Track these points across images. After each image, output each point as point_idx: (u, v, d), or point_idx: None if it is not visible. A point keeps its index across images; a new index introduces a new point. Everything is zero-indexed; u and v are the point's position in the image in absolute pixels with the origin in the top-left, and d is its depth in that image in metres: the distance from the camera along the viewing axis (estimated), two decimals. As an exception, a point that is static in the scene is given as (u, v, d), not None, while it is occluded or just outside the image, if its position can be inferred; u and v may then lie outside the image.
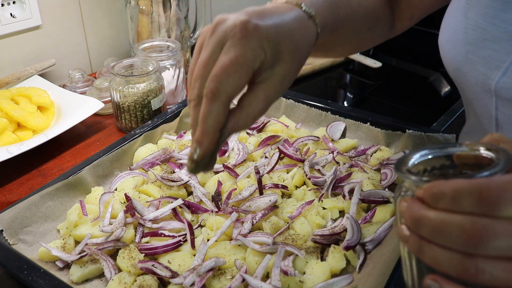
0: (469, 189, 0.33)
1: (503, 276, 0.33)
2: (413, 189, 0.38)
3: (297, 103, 0.99)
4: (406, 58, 1.49)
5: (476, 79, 0.61)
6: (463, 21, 0.63)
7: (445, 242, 0.34)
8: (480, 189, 0.33)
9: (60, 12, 1.18)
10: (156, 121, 0.93)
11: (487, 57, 0.59)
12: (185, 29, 1.22)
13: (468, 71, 0.62)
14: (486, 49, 0.59)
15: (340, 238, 0.68)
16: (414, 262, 0.39)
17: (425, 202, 0.35)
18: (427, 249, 0.35)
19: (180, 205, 0.73)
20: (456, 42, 0.64)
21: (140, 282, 0.62)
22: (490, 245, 0.32)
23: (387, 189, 0.78)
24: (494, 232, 0.32)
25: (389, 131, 0.89)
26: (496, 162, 0.36)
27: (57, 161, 0.94)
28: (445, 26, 0.68)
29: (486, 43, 0.59)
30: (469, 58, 0.61)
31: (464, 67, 0.63)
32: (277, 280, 0.60)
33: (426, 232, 0.35)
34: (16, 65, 1.14)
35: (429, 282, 0.36)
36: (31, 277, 0.61)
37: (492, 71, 0.59)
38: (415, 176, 0.38)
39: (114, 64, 0.99)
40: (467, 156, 0.39)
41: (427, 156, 0.40)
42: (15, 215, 0.70)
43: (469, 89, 0.66)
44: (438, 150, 0.40)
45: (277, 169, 0.82)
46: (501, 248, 0.32)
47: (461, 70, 0.64)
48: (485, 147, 0.38)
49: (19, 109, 0.96)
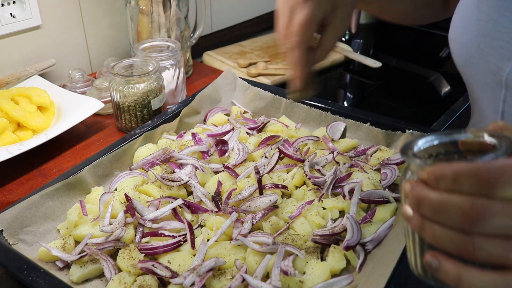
0: (469, 171, 0.35)
1: (498, 253, 0.35)
2: (418, 172, 0.40)
3: (297, 103, 0.99)
4: (406, 58, 1.49)
5: (487, 70, 0.62)
6: (476, 14, 0.64)
7: (444, 221, 0.36)
8: (479, 171, 0.35)
9: (60, 12, 1.18)
10: (156, 121, 0.93)
11: (499, 48, 0.60)
12: (185, 29, 1.22)
13: (480, 62, 0.63)
14: (498, 40, 0.61)
15: (340, 238, 0.68)
16: (417, 241, 0.41)
17: (428, 184, 0.37)
18: (428, 227, 0.37)
19: (180, 205, 0.73)
20: (469, 35, 0.65)
21: (140, 282, 0.62)
22: (487, 223, 0.34)
23: (387, 189, 0.78)
24: (491, 211, 0.34)
25: (389, 131, 0.89)
26: (498, 148, 0.38)
27: (57, 161, 0.94)
28: (457, 20, 0.69)
29: (498, 34, 0.61)
30: (481, 50, 0.63)
31: (476, 59, 0.64)
32: (277, 280, 0.60)
33: (427, 211, 0.37)
34: (16, 65, 1.14)
35: (429, 259, 0.38)
36: (31, 277, 0.61)
37: (504, 62, 0.60)
38: (420, 160, 0.39)
39: (114, 64, 0.99)
40: (471, 143, 0.41)
41: (433, 142, 0.42)
42: (15, 215, 0.70)
43: (478, 82, 0.67)
44: (443, 136, 0.42)
45: (277, 169, 0.82)
46: (497, 227, 0.34)
47: (472, 62, 0.65)
48: (489, 134, 0.40)
49: (19, 109, 0.96)
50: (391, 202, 0.75)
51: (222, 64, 1.36)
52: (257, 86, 1.04)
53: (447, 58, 1.49)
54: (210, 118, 0.99)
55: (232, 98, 1.06)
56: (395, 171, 0.80)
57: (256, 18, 1.69)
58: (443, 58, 1.50)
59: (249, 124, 0.95)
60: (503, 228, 0.35)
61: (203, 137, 0.89)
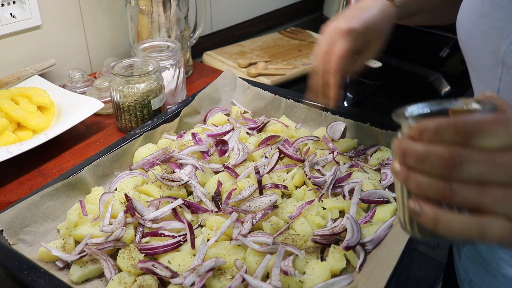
0: (449, 124, 0.39)
1: (473, 198, 0.38)
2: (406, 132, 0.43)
3: (297, 103, 0.99)
4: (406, 58, 1.49)
5: (487, 50, 0.66)
6: None
7: (426, 169, 0.40)
8: (457, 123, 0.38)
9: (60, 12, 1.18)
10: (156, 121, 0.93)
11: (499, 28, 0.64)
12: (185, 29, 1.22)
13: (481, 43, 0.67)
14: (498, 21, 0.64)
15: (340, 238, 0.68)
16: (405, 195, 0.44)
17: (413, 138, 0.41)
18: (412, 177, 0.41)
19: (180, 205, 0.73)
20: (474, 18, 0.68)
21: (140, 282, 0.62)
22: (463, 170, 0.38)
23: (387, 189, 0.78)
24: (467, 159, 0.38)
25: (389, 131, 0.89)
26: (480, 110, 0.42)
27: (57, 161, 0.94)
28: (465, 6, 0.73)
29: (498, 15, 0.64)
30: (483, 31, 0.66)
31: (478, 40, 0.67)
32: (277, 280, 0.60)
33: (412, 161, 0.40)
34: (16, 65, 1.14)
35: (411, 204, 0.42)
36: (31, 277, 0.61)
37: (502, 41, 0.63)
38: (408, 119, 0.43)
39: (114, 64, 0.99)
40: (461, 111, 0.43)
41: (424, 109, 0.44)
42: (15, 215, 0.70)
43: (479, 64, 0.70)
44: (435, 105, 0.44)
45: (277, 169, 0.82)
46: (472, 173, 0.38)
47: (474, 45, 0.69)
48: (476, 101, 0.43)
49: (19, 109, 0.96)
50: (391, 202, 0.75)
51: (222, 64, 1.36)
52: (257, 86, 1.04)
53: (447, 58, 1.49)
54: (210, 118, 0.99)
55: (232, 98, 1.06)
56: (395, 171, 0.80)
57: (256, 18, 1.69)
58: (443, 58, 1.50)
59: (249, 124, 0.95)
60: (478, 175, 0.38)
61: (203, 137, 0.89)
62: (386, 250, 0.64)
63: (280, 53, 1.44)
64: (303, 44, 1.51)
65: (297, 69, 1.32)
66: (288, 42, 1.52)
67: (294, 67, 1.33)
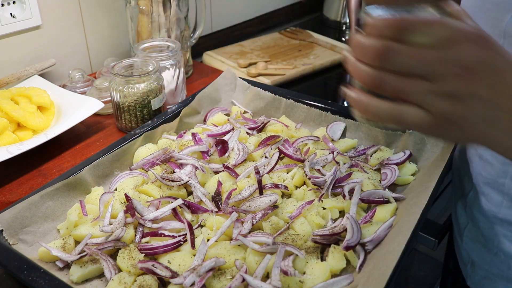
0: (388, 21, 0.43)
1: (398, 87, 0.43)
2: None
3: (297, 103, 0.99)
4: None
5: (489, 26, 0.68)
6: None
7: (363, 58, 0.45)
8: (396, 20, 0.43)
9: (60, 12, 1.18)
10: (156, 121, 0.93)
11: (500, 4, 0.66)
12: (185, 29, 1.22)
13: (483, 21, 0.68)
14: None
15: (340, 238, 0.68)
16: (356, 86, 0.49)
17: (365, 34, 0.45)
18: (354, 65, 0.46)
19: (180, 205, 0.73)
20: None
21: (140, 282, 0.62)
22: (391, 61, 0.43)
23: (387, 189, 0.78)
24: (396, 51, 0.42)
25: (389, 131, 0.89)
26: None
27: (57, 161, 0.94)
28: None
29: None
30: (486, 9, 0.69)
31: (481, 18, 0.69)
32: (277, 280, 0.60)
33: (356, 52, 0.45)
34: (16, 65, 1.14)
35: (342, 89, 0.48)
36: (31, 277, 0.61)
37: (503, 14, 0.66)
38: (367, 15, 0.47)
39: (114, 64, 0.99)
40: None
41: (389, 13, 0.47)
42: (15, 215, 0.70)
43: None
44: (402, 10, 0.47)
45: (277, 169, 0.82)
46: (400, 65, 0.43)
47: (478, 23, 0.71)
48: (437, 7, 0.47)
49: (19, 109, 0.96)
50: (391, 202, 0.75)
51: (222, 64, 1.36)
52: (257, 86, 1.04)
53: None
54: (210, 118, 0.99)
55: (232, 98, 1.06)
56: (395, 171, 0.80)
57: (256, 18, 1.69)
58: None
59: (249, 124, 0.95)
60: (405, 67, 0.43)
61: (203, 137, 0.89)
62: (386, 250, 0.64)
63: (280, 53, 1.44)
64: (303, 44, 1.51)
65: (297, 69, 1.32)
66: (288, 42, 1.52)
67: (294, 67, 1.33)
